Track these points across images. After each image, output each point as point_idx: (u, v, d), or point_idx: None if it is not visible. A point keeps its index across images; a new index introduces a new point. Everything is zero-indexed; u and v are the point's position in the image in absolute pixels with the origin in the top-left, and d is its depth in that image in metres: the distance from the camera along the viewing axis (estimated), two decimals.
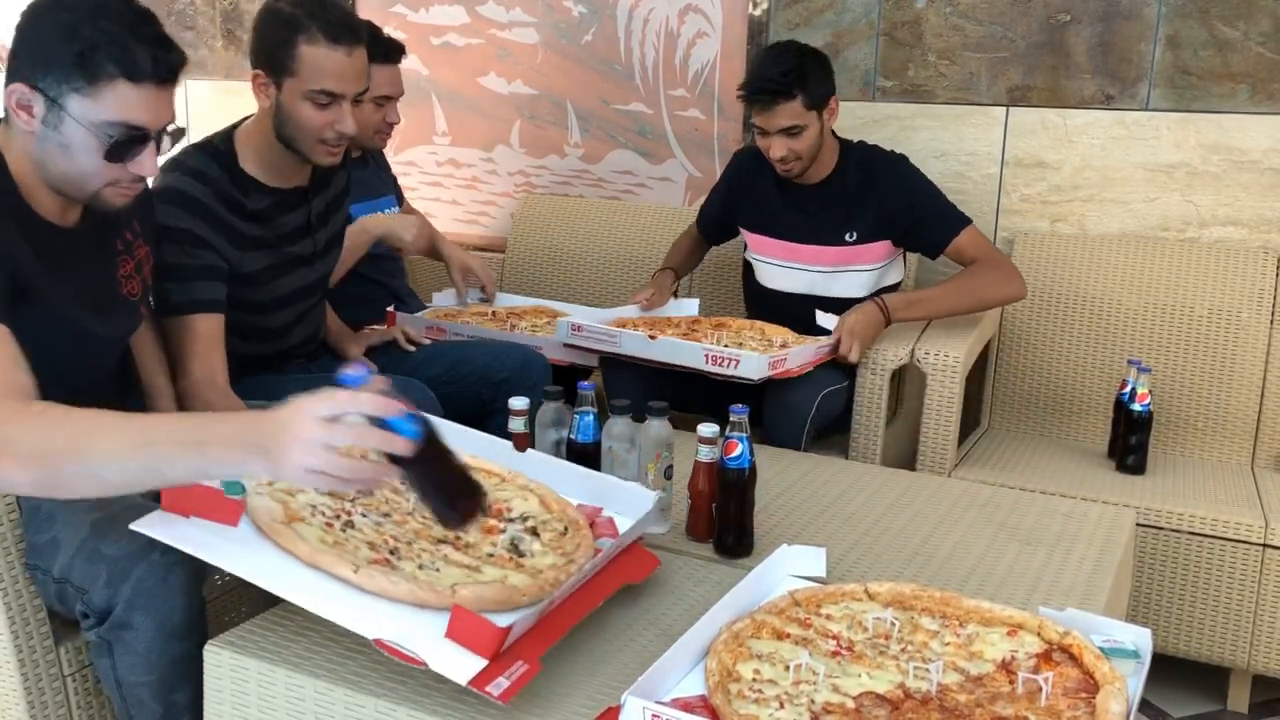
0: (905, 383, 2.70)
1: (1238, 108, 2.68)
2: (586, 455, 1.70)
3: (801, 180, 2.51)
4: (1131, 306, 2.70)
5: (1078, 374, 2.75)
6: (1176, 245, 2.72)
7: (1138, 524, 2.18)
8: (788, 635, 1.34)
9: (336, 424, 1.15)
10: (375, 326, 2.52)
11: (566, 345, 2.41)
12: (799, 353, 2.34)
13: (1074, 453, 2.63)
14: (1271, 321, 2.59)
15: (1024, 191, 2.90)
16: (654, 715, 1.15)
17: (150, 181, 1.64)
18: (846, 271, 2.53)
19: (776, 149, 2.41)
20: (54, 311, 1.51)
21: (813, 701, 1.20)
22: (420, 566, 1.35)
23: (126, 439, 1.20)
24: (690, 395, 2.34)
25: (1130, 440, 2.44)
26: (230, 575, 1.70)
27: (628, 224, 3.21)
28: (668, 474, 1.70)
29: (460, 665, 1.19)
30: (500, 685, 1.18)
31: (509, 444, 1.69)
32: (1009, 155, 2.90)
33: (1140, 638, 1.30)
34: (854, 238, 2.52)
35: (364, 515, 1.44)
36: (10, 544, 1.46)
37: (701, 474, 1.67)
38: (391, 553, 1.36)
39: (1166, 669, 2.40)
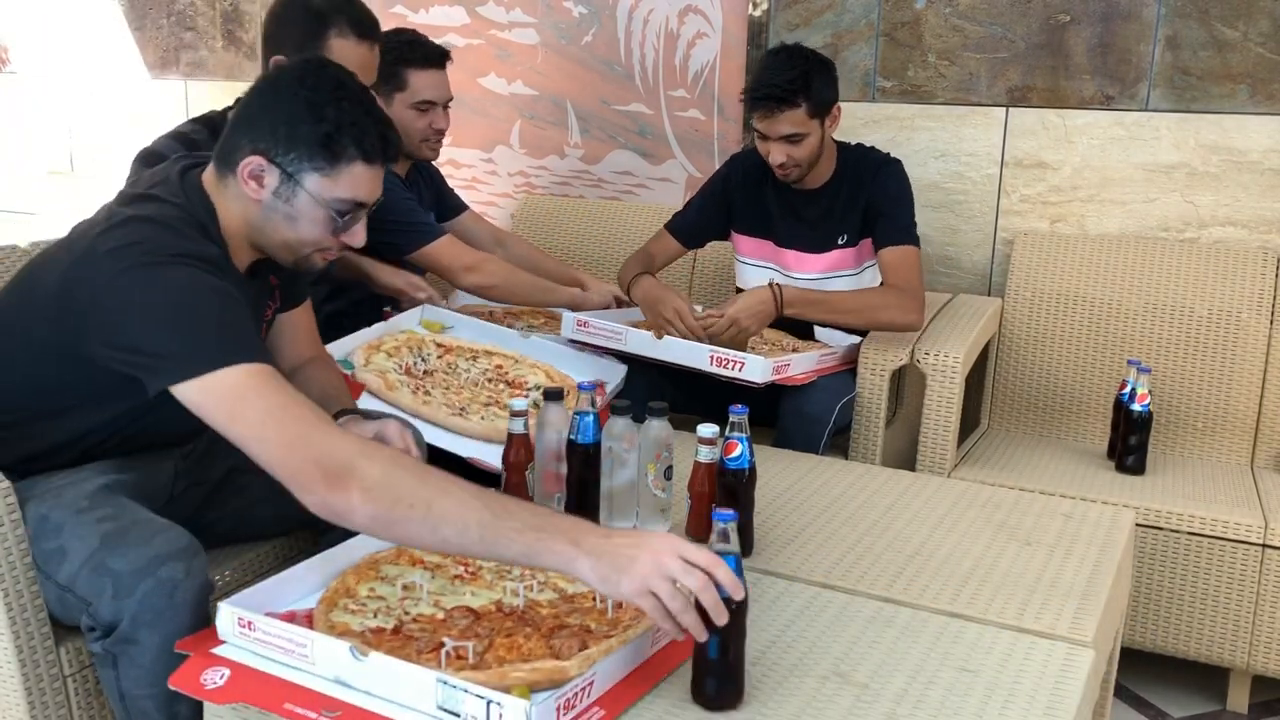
0: (905, 383, 2.70)
1: (1237, 108, 2.68)
2: (587, 455, 1.70)
3: (799, 185, 2.51)
4: (1131, 306, 2.70)
5: (1077, 374, 2.75)
6: (1176, 246, 2.72)
7: (1137, 524, 2.18)
8: (422, 561, 1.47)
9: (692, 569, 1.20)
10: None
11: (571, 341, 2.41)
12: (803, 359, 2.34)
13: (1074, 453, 2.63)
14: (1271, 322, 2.59)
15: (1024, 192, 2.90)
16: (243, 621, 1.26)
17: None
18: (837, 278, 2.53)
19: (776, 154, 2.40)
20: None
21: (405, 613, 1.33)
22: (482, 418, 2.00)
23: (475, 512, 1.26)
24: (689, 398, 2.33)
25: (1130, 440, 2.44)
26: (232, 573, 1.71)
27: (628, 224, 3.21)
28: (667, 474, 1.70)
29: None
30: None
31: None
32: (1009, 155, 2.90)
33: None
34: (845, 240, 2.52)
35: (431, 389, 2.07)
36: (11, 544, 1.46)
37: (701, 475, 1.66)
38: (461, 410, 2.01)
39: (1166, 669, 2.40)
